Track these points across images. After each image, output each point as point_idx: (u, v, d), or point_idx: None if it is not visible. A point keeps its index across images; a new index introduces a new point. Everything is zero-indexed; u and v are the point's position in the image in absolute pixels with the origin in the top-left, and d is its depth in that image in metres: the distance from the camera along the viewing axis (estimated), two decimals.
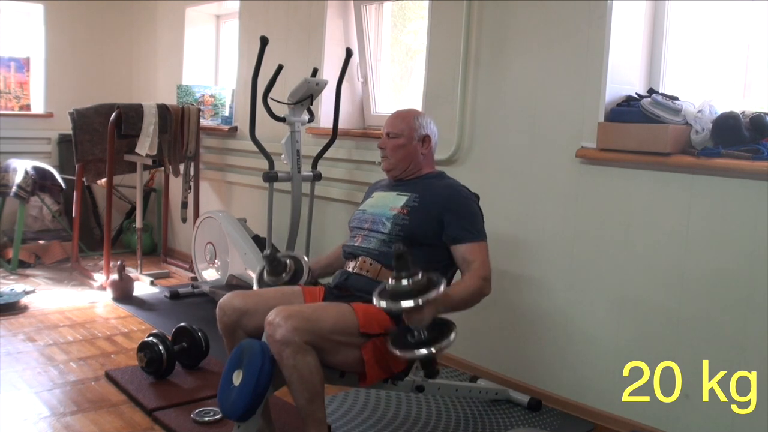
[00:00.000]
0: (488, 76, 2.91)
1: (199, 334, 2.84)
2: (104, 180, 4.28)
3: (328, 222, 3.73)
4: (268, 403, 2.10)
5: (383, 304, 1.84)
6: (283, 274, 2.32)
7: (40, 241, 4.83)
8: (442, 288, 1.83)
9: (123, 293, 3.94)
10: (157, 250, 5.11)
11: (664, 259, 2.38)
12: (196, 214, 4.40)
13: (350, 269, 2.21)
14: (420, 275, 1.82)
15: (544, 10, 2.69)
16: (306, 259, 2.39)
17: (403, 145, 2.26)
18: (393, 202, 2.24)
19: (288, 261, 2.35)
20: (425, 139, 2.30)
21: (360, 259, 2.19)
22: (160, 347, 2.70)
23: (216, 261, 3.96)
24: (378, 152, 3.45)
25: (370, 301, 2.05)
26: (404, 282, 1.80)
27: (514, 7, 2.79)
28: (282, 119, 3.31)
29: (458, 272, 2.32)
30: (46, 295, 3.94)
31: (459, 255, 2.15)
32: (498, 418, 2.56)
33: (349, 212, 3.44)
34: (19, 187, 4.35)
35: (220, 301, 2.13)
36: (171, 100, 4.65)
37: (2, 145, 4.75)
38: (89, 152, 4.23)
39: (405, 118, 2.31)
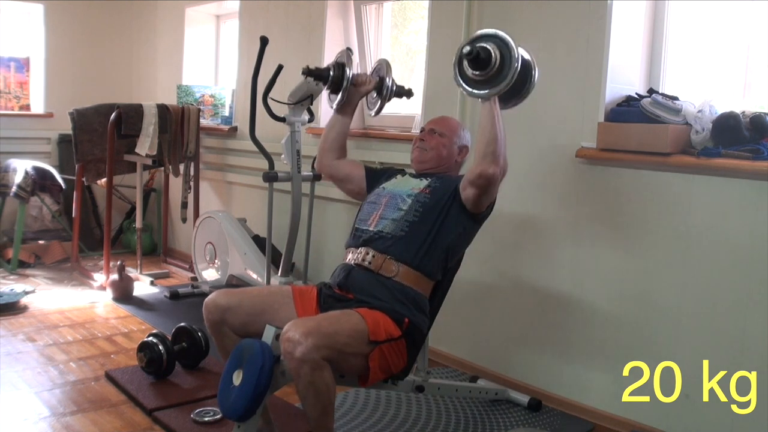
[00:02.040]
0: None
1: (199, 334, 2.84)
2: (104, 180, 4.28)
3: (328, 222, 3.73)
4: (267, 403, 2.10)
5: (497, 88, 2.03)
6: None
7: (40, 241, 4.83)
8: (513, 44, 1.99)
9: (123, 293, 3.94)
10: (157, 250, 5.12)
11: (664, 259, 2.38)
12: (196, 214, 4.40)
13: (351, 262, 2.20)
14: (493, 53, 1.98)
15: (544, 10, 2.69)
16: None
17: (445, 145, 2.34)
18: (416, 184, 2.27)
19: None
20: (463, 149, 2.39)
21: (362, 249, 2.18)
22: (160, 347, 2.70)
23: (216, 261, 3.96)
24: (380, 153, 3.46)
25: (370, 305, 2.06)
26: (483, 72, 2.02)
27: (514, 7, 2.79)
28: (282, 119, 3.31)
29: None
30: (46, 295, 3.93)
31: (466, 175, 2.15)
32: (498, 418, 2.56)
33: (350, 212, 3.44)
34: (19, 187, 4.35)
35: (206, 299, 2.14)
36: (171, 100, 4.64)
37: (2, 145, 4.75)
38: (89, 152, 4.23)
39: (452, 124, 2.41)
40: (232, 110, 4.60)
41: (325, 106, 3.69)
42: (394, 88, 2.59)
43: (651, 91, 2.47)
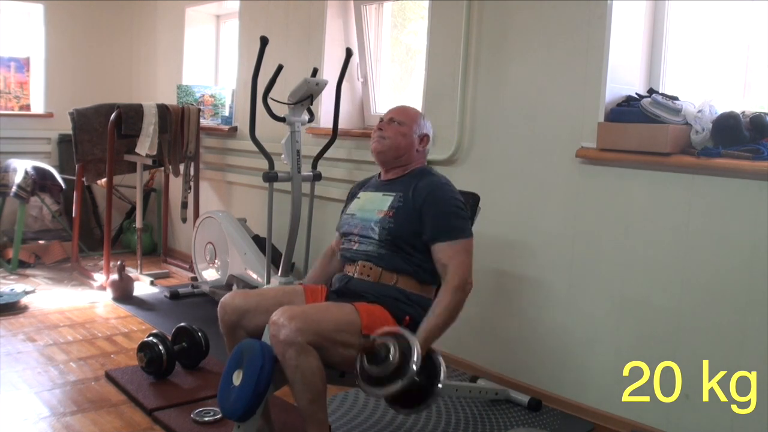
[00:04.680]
0: (488, 76, 2.91)
1: (199, 334, 2.84)
2: (104, 180, 4.28)
3: (328, 222, 3.73)
4: (268, 403, 2.10)
5: (379, 392, 1.86)
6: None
7: (40, 241, 4.83)
8: (416, 350, 1.83)
9: (123, 293, 3.94)
10: (157, 250, 5.12)
11: (664, 259, 2.38)
12: (196, 214, 4.40)
13: (351, 273, 2.21)
14: (392, 352, 1.83)
15: (543, 10, 2.69)
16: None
17: (404, 134, 2.28)
18: (379, 204, 2.23)
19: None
20: (424, 138, 2.33)
21: (359, 263, 2.19)
22: (160, 347, 2.70)
23: (216, 261, 3.96)
24: None
25: (373, 301, 2.07)
26: (378, 369, 1.84)
27: (514, 7, 2.79)
28: (282, 119, 3.31)
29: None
30: (46, 295, 3.94)
31: (435, 257, 2.11)
32: (498, 418, 2.56)
33: None
34: (19, 187, 4.35)
35: (222, 299, 2.13)
36: (171, 100, 4.65)
37: (2, 145, 4.75)
38: (89, 152, 4.23)
39: (411, 113, 2.36)
40: (232, 110, 4.60)
41: (326, 106, 3.70)
42: None
43: (651, 91, 2.47)
